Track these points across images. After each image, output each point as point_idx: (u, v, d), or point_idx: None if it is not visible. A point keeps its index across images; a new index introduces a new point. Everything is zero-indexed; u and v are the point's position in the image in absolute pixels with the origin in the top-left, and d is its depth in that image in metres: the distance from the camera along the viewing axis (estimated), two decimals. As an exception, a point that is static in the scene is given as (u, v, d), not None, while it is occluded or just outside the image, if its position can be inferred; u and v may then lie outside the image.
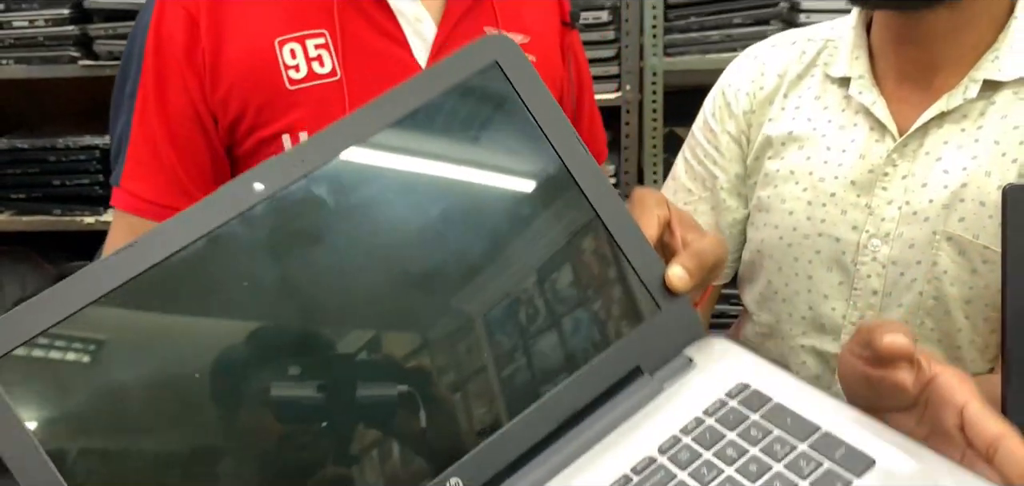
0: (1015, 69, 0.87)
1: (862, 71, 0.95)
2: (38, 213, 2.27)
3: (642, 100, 2.09)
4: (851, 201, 0.95)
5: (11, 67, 2.17)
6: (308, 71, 1.00)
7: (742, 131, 1.04)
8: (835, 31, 1.01)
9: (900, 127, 0.93)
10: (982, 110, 0.89)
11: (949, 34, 0.89)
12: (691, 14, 2.05)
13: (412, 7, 1.01)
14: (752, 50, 1.08)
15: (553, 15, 1.17)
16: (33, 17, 2.12)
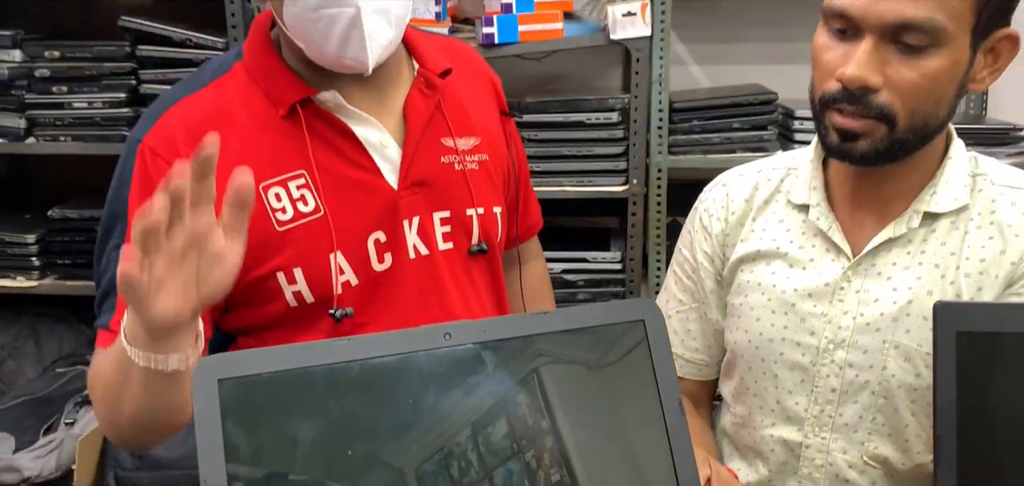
0: (949, 203, 1.03)
1: (819, 200, 1.09)
2: (81, 278, 2.40)
3: (647, 193, 2.25)
4: (810, 310, 1.08)
5: (67, 144, 2.35)
6: (294, 211, 1.06)
7: (716, 251, 1.18)
8: (795, 161, 1.16)
9: (853, 247, 1.07)
10: (924, 237, 1.04)
11: (896, 174, 1.04)
12: (694, 118, 2.23)
13: (377, 135, 1.09)
14: (723, 178, 1.22)
15: (494, 111, 1.25)
16: (92, 99, 2.31)
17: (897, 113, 0.96)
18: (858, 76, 0.94)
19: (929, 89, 0.95)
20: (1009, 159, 2.19)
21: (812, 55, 1.02)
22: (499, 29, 2.15)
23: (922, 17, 0.91)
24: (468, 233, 1.16)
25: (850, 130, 0.97)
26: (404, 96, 1.13)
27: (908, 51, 0.94)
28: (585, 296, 2.31)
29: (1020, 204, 1.04)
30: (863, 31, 0.95)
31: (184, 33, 2.25)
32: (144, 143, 1.05)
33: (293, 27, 1.02)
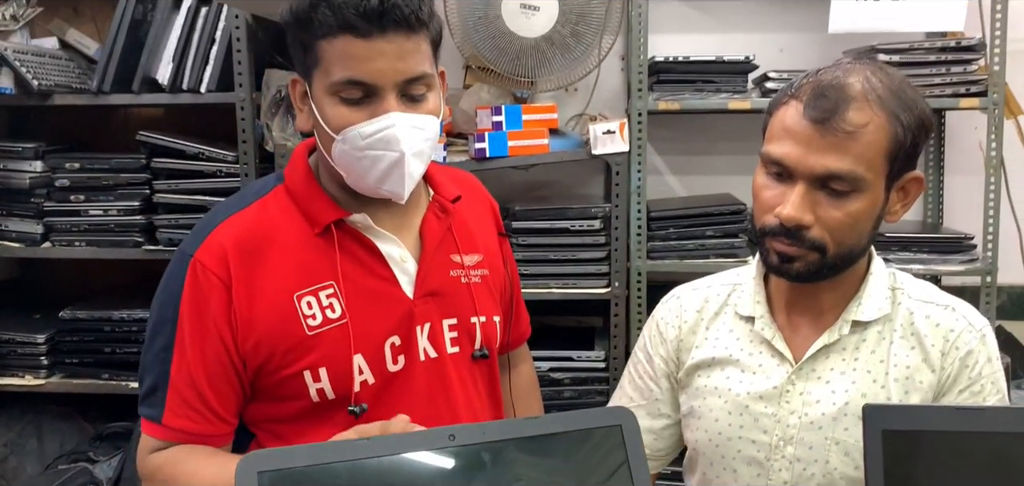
0: (873, 312, 1.18)
1: (763, 312, 1.23)
2: (87, 377, 2.52)
3: (628, 295, 2.40)
4: (761, 411, 1.20)
5: (82, 248, 2.49)
6: (322, 318, 1.18)
7: (670, 355, 1.30)
8: (739, 277, 1.29)
9: (793, 353, 1.21)
10: (856, 345, 1.18)
11: (826, 288, 1.19)
12: (670, 226, 2.40)
13: (398, 251, 1.23)
14: (677, 291, 1.35)
15: (493, 232, 1.41)
16: (107, 207, 2.46)
17: (827, 244, 1.11)
18: (792, 216, 1.09)
19: (852, 225, 1.11)
20: (962, 265, 2.37)
21: (752, 192, 1.17)
22: (490, 144, 2.33)
23: (845, 169, 1.08)
24: (472, 339, 1.30)
25: (787, 254, 1.13)
26: (421, 217, 1.28)
27: (834, 195, 1.10)
28: (571, 393, 2.44)
29: (933, 317, 1.19)
30: (796, 178, 1.10)
31: (197, 147, 2.41)
32: (196, 257, 1.17)
33: (339, 160, 1.16)
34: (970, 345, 1.17)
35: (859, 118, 1.07)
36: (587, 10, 2.41)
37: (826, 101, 1.08)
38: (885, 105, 1.09)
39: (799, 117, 1.10)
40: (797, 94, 1.12)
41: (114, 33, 2.41)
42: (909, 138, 1.10)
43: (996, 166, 2.33)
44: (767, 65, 2.43)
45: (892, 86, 1.11)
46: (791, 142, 1.10)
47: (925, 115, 1.13)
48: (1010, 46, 2.30)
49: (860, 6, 2.26)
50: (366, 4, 1.09)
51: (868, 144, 1.08)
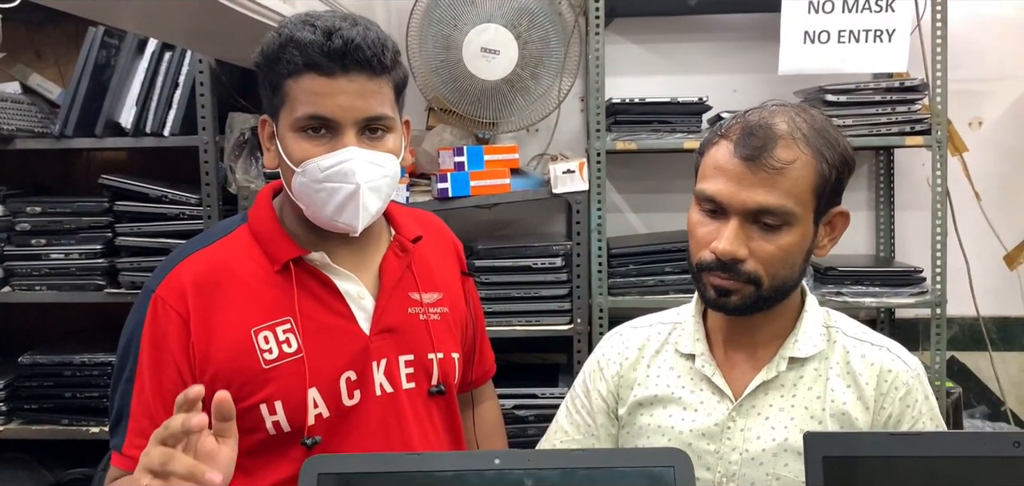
0: (809, 349, 1.22)
1: (702, 349, 1.25)
2: (47, 423, 2.49)
3: (591, 331, 2.44)
4: (704, 448, 1.22)
5: (42, 292, 2.47)
6: (279, 352, 1.21)
7: (610, 391, 1.32)
8: (680, 316, 1.32)
9: (734, 390, 1.23)
10: (794, 382, 1.21)
11: (762, 323, 1.22)
12: (630, 262, 2.45)
13: (355, 288, 1.26)
14: (619, 329, 1.37)
15: (455, 271, 1.44)
16: (69, 250, 2.45)
17: (762, 277, 1.15)
18: (727, 250, 1.14)
19: (784, 258, 1.15)
20: (913, 298, 2.44)
21: (688, 228, 1.21)
22: (453, 184, 2.37)
23: (775, 203, 1.12)
24: (429, 375, 1.33)
25: (724, 288, 1.16)
26: (381, 256, 1.32)
27: (767, 228, 1.14)
28: (535, 431, 2.45)
29: (868, 356, 1.22)
30: (729, 213, 1.14)
31: (160, 190, 2.42)
32: (157, 293, 1.21)
33: (299, 192, 1.20)
34: (908, 384, 1.21)
35: (787, 155, 1.12)
36: (546, 53, 2.48)
37: (755, 139, 1.13)
38: (810, 143, 1.14)
39: (730, 155, 1.14)
40: (727, 134, 1.17)
41: (77, 77, 2.42)
42: (834, 174, 1.15)
43: (943, 201, 2.41)
44: (720, 105, 2.51)
45: (816, 126, 1.16)
46: (723, 179, 1.14)
47: (847, 153, 1.18)
48: (952, 86, 2.40)
49: (808, 49, 2.35)
50: (330, 45, 1.15)
51: (796, 180, 1.13)
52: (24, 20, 2.70)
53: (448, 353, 1.36)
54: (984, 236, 2.70)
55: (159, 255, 2.41)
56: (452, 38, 2.42)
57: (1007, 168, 2.75)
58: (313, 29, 1.16)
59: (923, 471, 0.93)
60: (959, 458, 0.93)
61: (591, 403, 1.34)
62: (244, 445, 1.21)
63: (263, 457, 1.23)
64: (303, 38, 1.15)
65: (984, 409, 2.76)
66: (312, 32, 1.15)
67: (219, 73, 2.40)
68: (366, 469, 0.96)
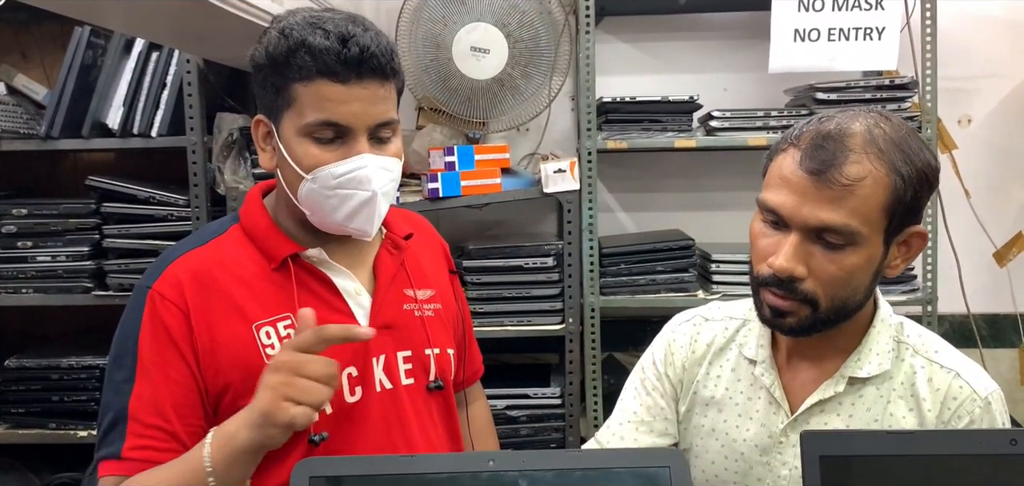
0: (873, 369, 1.16)
1: (764, 357, 1.21)
2: (34, 427, 2.46)
3: (582, 331, 2.44)
4: (756, 460, 1.20)
5: (29, 295, 2.45)
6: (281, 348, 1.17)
7: (678, 378, 1.30)
8: (751, 314, 1.24)
9: (792, 401, 1.19)
10: (853, 401, 1.16)
11: (826, 337, 1.16)
12: (621, 262, 2.44)
13: (352, 285, 1.27)
14: (690, 316, 1.33)
15: (444, 269, 1.45)
16: (56, 253, 2.42)
17: (820, 298, 1.09)
18: (785, 267, 1.08)
19: (846, 280, 1.09)
20: (904, 295, 2.44)
21: (750, 238, 1.16)
22: (443, 184, 2.36)
23: (839, 223, 1.05)
24: (426, 371, 1.33)
25: (779, 308, 1.11)
26: (374, 254, 1.32)
27: (829, 247, 1.08)
28: (528, 430, 2.45)
29: (935, 379, 1.16)
30: (791, 227, 1.09)
31: (148, 191, 2.40)
32: (154, 289, 1.19)
33: (306, 198, 1.19)
34: (972, 414, 1.14)
35: (856, 172, 1.05)
36: (536, 53, 2.47)
37: (824, 152, 1.07)
38: (885, 157, 1.07)
39: (796, 166, 1.09)
40: (796, 142, 1.11)
41: (64, 78, 2.40)
42: (910, 192, 1.08)
43: (933, 199, 2.41)
44: (711, 104, 2.51)
45: (895, 137, 1.08)
46: (787, 191, 1.09)
47: (929, 168, 1.10)
48: (941, 84, 2.41)
49: (798, 47, 2.35)
50: (346, 52, 1.14)
51: (865, 198, 1.06)
52: (9, 20, 2.67)
53: (444, 349, 1.36)
54: (974, 234, 2.70)
55: (147, 257, 2.39)
56: (442, 37, 2.41)
57: (996, 166, 2.76)
58: (325, 34, 1.14)
59: (920, 469, 0.93)
60: (955, 456, 0.93)
61: (664, 386, 1.31)
62: None
63: (266, 457, 1.20)
64: (316, 43, 1.14)
65: (974, 406, 2.76)
66: (325, 37, 1.14)
67: (207, 73, 2.38)
68: (358, 472, 0.95)
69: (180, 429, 1.16)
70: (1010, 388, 2.82)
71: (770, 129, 2.41)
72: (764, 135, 2.39)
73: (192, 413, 1.18)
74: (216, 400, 1.20)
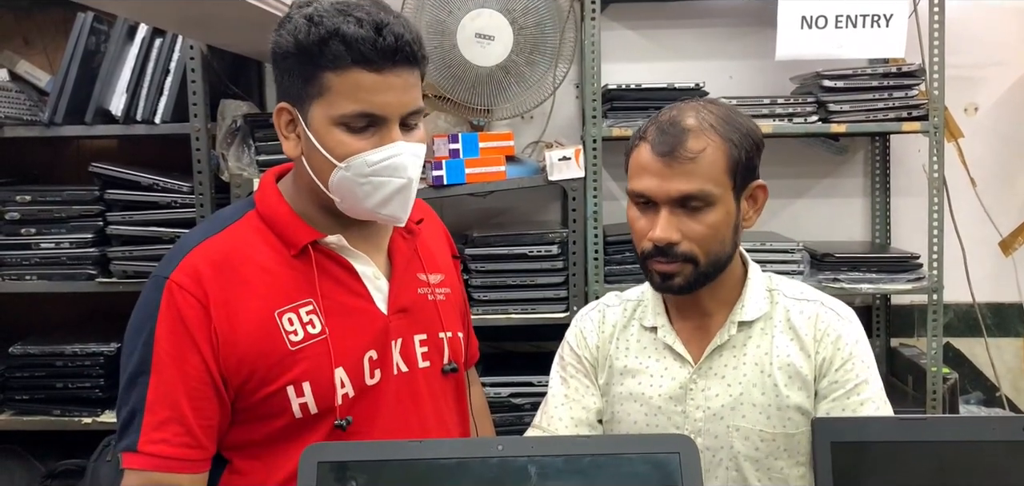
0: (753, 312, 1.34)
1: (663, 322, 1.38)
2: (38, 413, 2.46)
3: (587, 320, 2.43)
4: (672, 410, 1.34)
5: (33, 282, 2.44)
6: (304, 334, 1.21)
7: (593, 358, 1.43)
8: (643, 295, 1.44)
9: (693, 354, 1.35)
10: (743, 342, 1.34)
11: (709, 294, 1.34)
12: (626, 250, 2.43)
13: (370, 270, 1.27)
14: (594, 305, 1.50)
15: (449, 253, 1.47)
16: (59, 240, 2.42)
17: (697, 255, 1.28)
18: (662, 237, 1.26)
19: (713, 235, 1.28)
20: (909, 284, 2.44)
21: (628, 224, 1.33)
22: (448, 172, 2.35)
23: (695, 189, 1.25)
24: (441, 354, 1.34)
25: (666, 272, 1.29)
26: (388, 239, 1.32)
27: (693, 211, 1.26)
28: (531, 419, 2.44)
29: (806, 312, 1.35)
30: (659, 205, 1.27)
31: (152, 178, 2.39)
32: (172, 279, 1.17)
33: (338, 186, 1.19)
34: (839, 330, 1.32)
35: (697, 145, 1.25)
36: (541, 39, 2.46)
37: (668, 136, 1.26)
38: (717, 130, 1.27)
39: (650, 154, 1.27)
40: (645, 136, 1.29)
41: (66, 64, 2.39)
42: (744, 154, 1.28)
43: (939, 187, 2.40)
44: (717, 91, 2.50)
45: (721, 114, 1.29)
46: (648, 176, 1.27)
47: (754, 133, 1.31)
48: (948, 71, 2.39)
49: (805, 34, 2.34)
50: (382, 41, 1.13)
51: (710, 164, 1.26)
52: (12, 6, 2.67)
53: (455, 332, 1.38)
54: (979, 222, 2.70)
55: (151, 244, 2.39)
56: (446, 24, 2.40)
57: (1002, 154, 2.75)
58: (358, 22, 1.13)
59: (931, 455, 0.93)
60: (967, 442, 0.93)
61: (584, 365, 1.44)
62: (267, 432, 1.22)
63: (287, 442, 1.21)
64: (351, 32, 1.12)
65: (979, 395, 2.76)
66: (358, 26, 1.13)
67: (211, 59, 2.37)
68: (367, 457, 0.95)
69: (194, 421, 1.16)
70: (1014, 376, 2.81)
71: (776, 116, 2.40)
72: (770, 122, 2.38)
73: (207, 404, 1.17)
74: (238, 389, 1.19)
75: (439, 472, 0.93)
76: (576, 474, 0.94)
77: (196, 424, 1.16)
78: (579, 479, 0.93)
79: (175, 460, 1.15)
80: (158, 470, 1.15)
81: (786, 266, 2.36)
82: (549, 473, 0.93)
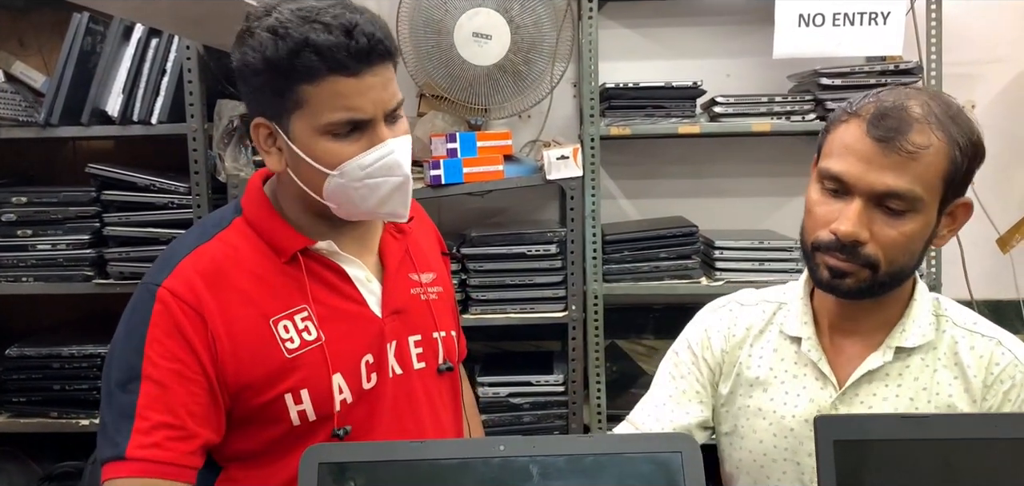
0: (917, 338, 1.20)
1: (809, 333, 1.24)
2: (35, 416, 2.46)
3: (585, 318, 2.43)
4: (807, 434, 1.20)
5: (29, 284, 2.43)
6: (300, 341, 1.19)
7: (717, 363, 1.32)
8: (786, 295, 1.30)
9: (838, 377, 1.22)
10: (900, 372, 1.20)
11: (872, 309, 1.20)
12: (625, 249, 2.43)
13: (363, 273, 1.26)
14: (725, 302, 1.36)
15: (438, 251, 1.46)
16: (56, 241, 2.41)
17: (880, 262, 1.13)
18: (850, 232, 1.11)
19: (905, 245, 1.13)
20: (906, 280, 2.43)
21: (806, 206, 1.19)
22: (445, 171, 2.35)
23: (904, 187, 1.10)
24: (435, 354, 1.33)
25: (840, 270, 1.14)
26: (378, 239, 1.31)
27: (891, 213, 1.12)
28: (530, 418, 2.45)
29: (978, 348, 1.20)
30: (854, 194, 1.12)
31: (148, 178, 2.38)
32: (164, 287, 1.14)
33: (333, 193, 1.17)
34: (1015, 379, 1.18)
35: (921, 139, 1.10)
36: (538, 38, 2.45)
37: (890, 120, 1.11)
38: (945, 129, 1.11)
39: (861, 135, 1.12)
40: (858, 112, 1.14)
41: (62, 65, 2.38)
42: (965, 163, 1.13)
43: (936, 184, 2.40)
44: (715, 90, 2.49)
45: (950, 112, 1.14)
46: (852, 158, 1.12)
47: (980, 142, 1.15)
48: (946, 69, 2.40)
49: (803, 32, 2.34)
50: (354, 45, 1.10)
51: (928, 165, 1.11)
52: (7, 7, 2.65)
53: (448, 331, 1.36)
54: (977, 219, 2.67)
55: (148, 245, 2.38)
56: (443, 23, 2.39)
57: (999, 151, 2.74)
58: (326, 28, 1.09)
59: (936, 454, 0.92)
60: (971, 440, 0.92)
61: (700, 370, 1.33)
62: (263, 441, 1.20)
63: (284, 450, 1.20)
64: (322, 41, 1.09)
65: (977, 392, 2.76)
66: (327, 32, 1.09)
67: (207, 60, 2.36)
68: (368, 458, 0.94)
69: (191, 429, 1.13)
70: (1013, 374, 2.81)
71: (774, 115, 2.40)
72: (768, 121, 2.38)
73: (204, 413, 1.15)
74: (235, 397, 1.17)
75: (441, 472, 0.92)
76: (578, 473, 0.93)
77: (192, 431, 1.13)
78: (581, 479, 0.93)
79: (166, 465, 1.11)
80: (150, 476, 1.10)
81: (784, 264, 2.36)
82: (551, 473, 0.92)
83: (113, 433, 1.12)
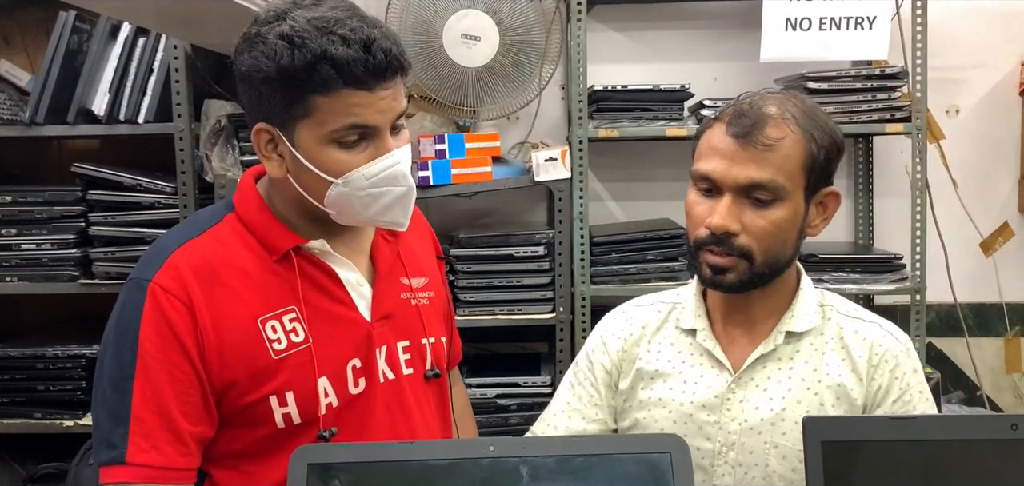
0: (805, 324, 1.27)
1: (703, 325, 1.30)
2: (19, 416, 2.43)
3: (573, 320, 2.43)
4: (704, 419, 1.26)
5: (14, 284, 2.41)
6: (288, 342, 1.18)
7: (614, 364, 1.36)
8: (680, 296, 1.37)
9: (733, 363, 1.27)
10: (791, 355, 1.26)
11: (759, 299, 1.27)
12: (612, 251, 2.44)
13: (354, 275, 1.25)
14: (620, 308, 1.42)
15: (433, 255, 1.44)
16: (41, 241, 2.39)
17: (754, 252, 1.20)
18: (721, 224, 1.19)
19: (775, 233, 1.20)
20: (892, 284, 2.46)
21: (685, 209, 1.26)
22: (434, 173, 2.35)
23: (766, 178, 1.17)
24: (423, 359, 1.32)
25: (719, 265, 1.21)
26: (370, 242, 1.30)
27: (758, 204, 1.19)
28: (518, 420, 2.44)
29: (861, 332, 1.28)
30: (723, 190, 1.20)
31: (135, 178, 2.37)
32: (155, 281, 1.13)
33: (335, 201, 1.16)
34: (897, 357, 1.26)
35: (776, 133, 1.18)
36: (527, 40, 2.46)
37: (746, 119, 1.19)
38: (799, 124, 1.20)
39: (723, 135, 1.20)
40: (721, 117, 1.23)
41: (48, 63, 2.36)
42: (822, 154, 1.21)
43: (921, 189, 2.43)
44: (702, 93, 2.51)
45: (805, 109, 1.22)
46: (717, 158, 1.20)
47: (836, 136, 1.23)
48: (931, 74, 2.42)
49: (789, 37, 2.35)
50: (372, 61, 1.09)
51: (785, 156, 1.18)
52: (-8, 5, 2.63)
53: (438, 337, 1.35)
54: (961, 223, 2.72)
55: (134, 244, 2.36)
56: (432, 24, 2.39)
57: (983, 156, 2.77)
58: (344, 42, 1.08)
59: (921, 454, 0.93)
60: (957, 441, 0.93)
61: (595, 375, 1.37)
62: (249, 442, 1.19)
63: (269, 452, 1.19)
64: (340, 55, 1.08)
65: (961, 394, 2.79)
66: (345, 45, 1.08)
67: (194, 59, 2.35)
68: (356, 458, 0.94)
69: (184, 426, 1.12)
70: (995, 376, 2.84)
71: (761, 118, 2.41)
72: (755, 124, 2.39)
73: (195, 409, 1.14)
74: (220, 396, 1.16)
75: (430, 473, 0.92)
76: (567, 475, 0.93)
77: (186, 432, 1.13)
78: (570, 480, 0.93)
79: (165, 469, 1.11)
80: (149, 481, 1.10)
81: (771, 267, 2.37)
82: (540, 474, 0.93)
83: (110, 434, 1.11)
